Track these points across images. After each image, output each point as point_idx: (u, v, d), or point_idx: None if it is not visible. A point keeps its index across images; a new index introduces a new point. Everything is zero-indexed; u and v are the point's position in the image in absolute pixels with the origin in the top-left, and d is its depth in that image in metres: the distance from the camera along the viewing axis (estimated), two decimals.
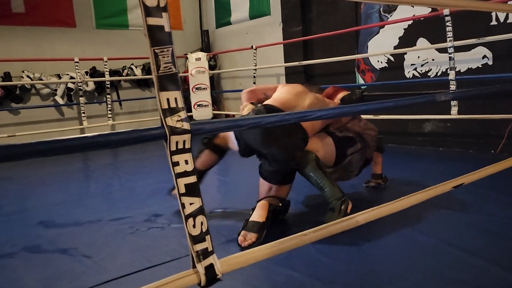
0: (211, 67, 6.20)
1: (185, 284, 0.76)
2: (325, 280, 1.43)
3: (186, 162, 0.76)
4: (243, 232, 1.81)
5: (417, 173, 2.76)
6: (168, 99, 0.73)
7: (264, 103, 2.12)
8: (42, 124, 5.45)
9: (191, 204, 0.77)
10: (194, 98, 5.79)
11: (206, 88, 5.80)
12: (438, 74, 3.93)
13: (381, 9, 4.35)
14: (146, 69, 6.02)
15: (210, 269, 0.79)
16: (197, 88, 5.77)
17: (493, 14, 3.47)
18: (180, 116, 0.74)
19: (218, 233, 1.94)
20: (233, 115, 6.20)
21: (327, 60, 4.61)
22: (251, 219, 1.86)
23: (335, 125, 2.26)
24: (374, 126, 2.35)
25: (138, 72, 5.93)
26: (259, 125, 0.83)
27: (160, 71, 0.71)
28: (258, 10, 5.76)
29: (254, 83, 5.40)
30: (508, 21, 3.40)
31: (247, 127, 0.83)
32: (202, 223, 0.78)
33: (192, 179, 0.77)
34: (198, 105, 5.79)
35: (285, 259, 1.61)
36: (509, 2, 3.16)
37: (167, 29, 0.71)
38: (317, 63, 4.95)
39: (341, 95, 2.42)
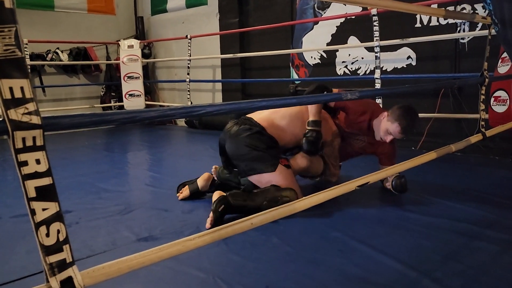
0: (146, 56, 5.95)
1: None
2: (230, 280, 1.38)
3: (38, 161, 0.66)
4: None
5: (341, 169, 2.80)
6: (11, 88, 0.62)
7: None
8: None
9: (44, 210, 0.67)
10: (126, 87, 5.54)
11: (139, 77, 5.56)
12: (367, 72, 4.04)
13: (316, 5, 4.39)
14: (73, 54, 5.64)
15: (68, 283, 0.70)
16: (129, 77, 5.52)
17: (418, 17, 3.61)
18: (27, 109, 0.64)
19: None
20: (168, 106, 6.01)
21: (263, 53, 4.59)
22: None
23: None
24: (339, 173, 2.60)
25: (64, 57, 5.53)
26: (135, 120, 0.74)
27: None
28: None
29: (188, 74, 5.26)
30: (431, 24, 3.55)
31: (116, 123, 0.74)
32: (58, 231, 0.69)
33: (46, 181, 0.67)
34: (130, 95, 5.53)
35: (195, 257, 1.55)
36: (432, 6, 3.29)
37: (8, 5, 0.60)
38: (253, 56, 4.91)
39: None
